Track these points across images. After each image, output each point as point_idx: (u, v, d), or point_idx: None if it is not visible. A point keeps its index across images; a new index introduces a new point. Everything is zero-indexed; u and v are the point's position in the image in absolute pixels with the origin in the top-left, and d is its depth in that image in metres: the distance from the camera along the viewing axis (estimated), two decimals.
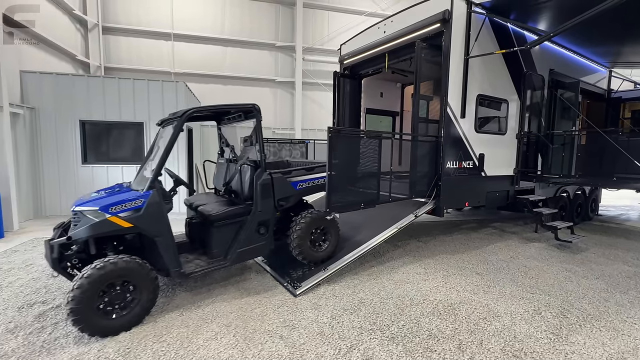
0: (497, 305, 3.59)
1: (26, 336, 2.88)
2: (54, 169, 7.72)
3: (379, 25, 5.98)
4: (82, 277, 2.70)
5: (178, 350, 2.70)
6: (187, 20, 11.33)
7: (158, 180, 3.23)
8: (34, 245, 5.51)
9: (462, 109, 4.97)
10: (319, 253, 4.13)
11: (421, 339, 2.93)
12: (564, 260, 5.15)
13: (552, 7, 5.12)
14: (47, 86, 7.56)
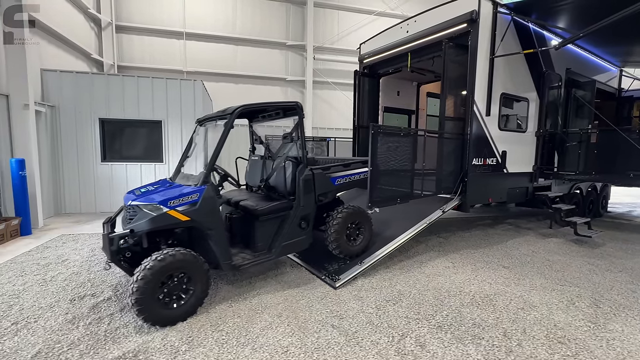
0: (531, 297, 3.72)
1: (87, 326, 2.97)
2: (74, 167, 7.77)
3: (402, 25, 6.09)
4: (144, 268, 2.79)
5: (239, 338, 2.80)
6: (199, 19, 11.39)
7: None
8: (63, 242, 5.58)
9: (488, 108, 5.10)
10: (354, 247, 4.24)
11: (467, 327, 3.05)
12: (584, 254, 5.30)
13: (574, 8, 5.26)
14: (67, 84, 7.60)
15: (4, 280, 3.95)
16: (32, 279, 4.01)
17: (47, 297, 3.54)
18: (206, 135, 4.10)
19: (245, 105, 3.41)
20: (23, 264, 4.54)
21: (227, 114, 3.42)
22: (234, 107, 3.38)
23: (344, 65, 12.82)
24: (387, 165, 4.08)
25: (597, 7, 5.26)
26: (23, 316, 3.13)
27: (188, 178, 3.84)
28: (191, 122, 8.30)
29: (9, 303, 3.39)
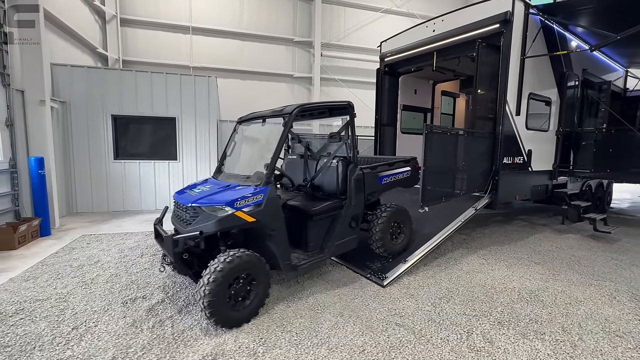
0: (573, 292, 3.85)
1: (151, 329, 2.92)
2: (86, 165, 7.55)
3: (427, 24, 6.12)
4: (215, 270, 2.76)
5: (311, 339, 2.81)
6: (205, 14, 11.15)
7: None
8: (87, 243, 5.43)
9: (518, 107, 5.20)
10: (397, 246, 4.29)
11: (525, 323, 3.14)
12: (605, 249, 5.49)
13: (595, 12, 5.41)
14: (78, 79, 7.35)
15: (42, 284, 3.84)
16: (71, 282, 3.90)
17: (96, 300, 3.46)
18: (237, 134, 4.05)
19: (303, 105, 3.37)
20: (54, 265, 4.41)
21: (284, 113, 3.38)
22: (293, 107, 3.35)
23: (351, 62, 12.82)
24: (437, 165, 4.13)
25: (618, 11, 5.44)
26: (80, 320, 3.05)
27: (236, 177, 3.79)
28: (205, 119, 8.19)
29: (59, 307, 3.30)
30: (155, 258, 4.73)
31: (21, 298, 3.47)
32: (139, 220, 7.00)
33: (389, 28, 13.00)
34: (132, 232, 6.07)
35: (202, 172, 8.32)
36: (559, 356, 2.65)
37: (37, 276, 4.06)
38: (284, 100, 12.49)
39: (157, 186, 8.08)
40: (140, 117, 7.81)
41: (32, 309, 3.25)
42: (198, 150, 8.26)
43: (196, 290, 2.84)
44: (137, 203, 8.00)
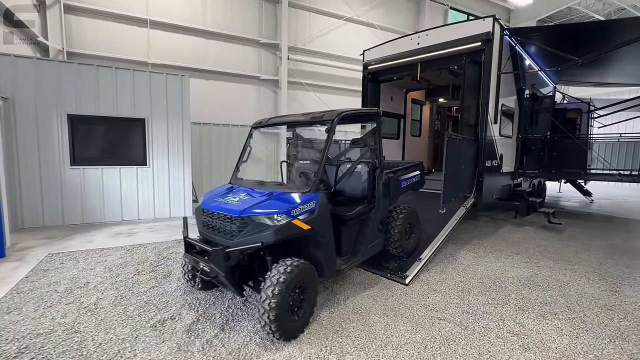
0: (558, 276, 4.50)
1: (202, 352, 2.70)
2: (34, 172, 6.47)
3: (412, 37, 6.57)
4: (277, 282, 2.66)
5: (373, 341, 2.88)
6: (164, 7, 10.29)
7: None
8: (60, 263, 4.69)
9: (495, 116, 5.89)
10: (410, 245, 4.55)
11: (539, 306, 3.61)
12: (560, 238, 6.47)
13: (547, 37, 6.41)
14: (24, 72, 6.28)
15: (32, 315, 3.25)
16: (69, 309, 3.37)
17: (116, 326, 3.05)
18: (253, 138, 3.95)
19: (343, 112, 3.40)
20: (34, 292, 3.74)
21: (326, 119, 3.37)
22: (335, 114, 3.36)
23: (316, 67, 12.99)
24: (452, 169, 4.48)
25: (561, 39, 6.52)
26: (112, 351, 2.68)
27: (262, 184, 3.66)
28: (179, 121, 7.63)
29: (73, 339, 2.84)
30: (157, 274, 4.31)
31: (15, 334, 2.90)
32: (110, 234, 6.24)
33: (352, 36, 13.54)
34: (109, 248, 5.39)
35: (175, 178, 7.72)
36: (577, 331, 3.12)
37: (19, 306, 3.41)
38: (251, 102, 12.18)
39: (124, 195, 7.26)
40: (103, 118, 6.95)
41: (40, 346, 2.75)
42: (170, 154, 7.63)
43: (259, 304, 2.69)
44: (99, 214, 7.09)
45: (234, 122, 11.67)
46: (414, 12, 15.06)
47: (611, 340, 2.98)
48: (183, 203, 7.88)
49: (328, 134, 3.28)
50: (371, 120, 3.90)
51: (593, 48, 5.69)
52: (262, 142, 12.21)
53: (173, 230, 6.62)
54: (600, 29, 6.06)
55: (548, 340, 2.96)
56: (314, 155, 4.59)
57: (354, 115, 3.63)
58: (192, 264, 3.27)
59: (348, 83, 13.57)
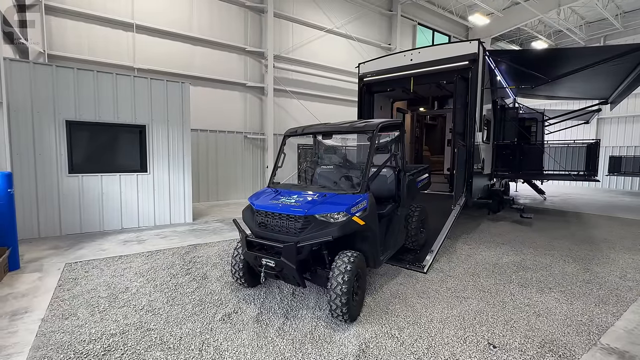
0: (541, 260, 5.37)
1: (280, 336, 3.02)
2: (30, 181, 6.19)
3: (405, 54, 7.30)
4: (345, 270, 3.08)
5: (420, 317, 3.39)
6: (150, 12, 10.13)
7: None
8: (85, 271, 4.65)
9: (480, 125, 6.77)
10: (422, 240, 5.16)
11: (536, 283, 4.37)
12: (532, 230, 7.52)
13: (513, 59, 7.50)
14: (19, 77, 6.02)
15: (91, 318, 3.32)
16: (127, 312, 3.48)
17: (185, 322, 3.25)
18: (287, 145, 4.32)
19: (382, 122, 3.90)
20: (78, 299, 3.77)
21: (368, 129, 3.84)
22: (376, 123, 3.85)
23: (300, 75, 13.43)
24: (459, 171, 5.16)
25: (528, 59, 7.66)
26: (197, 342, 2.91)
27: (302, 187, 4.04)
28: (179, 128, 7.68)
29: (151, 336, 3.01)
30: (194, 277, 4.47)
31: (90, 336, 3.01)
32: (118, 242, 6.15)
33: (333, 47, 14.22)
34: (126, 255, 5.38)
35: (175, 185, 7.71)
36: (571, 300, 3.89)
37: (72, 313, 3.45)
38: (238, 109, 12.29)
39: (124, 202, 7.13)
40: (102, 124, 6.82)
41: (122, 343, 2.90)
42: (171, 161, 7.63)
43: (330, 290, 3.08)
44: (97, 223, 6.89)
45: (221, 128, 11.73)
46: (387, 27, 16.12)
47: (597, 305, 3.77)
48: (184, 210, 7.89)
49: (371, 141, 3.76)
50: (396, 129, 4.45)
51: (554, 70, 6.80)
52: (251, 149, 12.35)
53: (182, 236, 6.66)
54: (559, 56, 7.26)
55: (552, 307, 3.68)
56: (336, 160, 5.06)
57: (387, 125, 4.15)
58: (253, 261, 3.55)
59: (330, 91, 14.18)
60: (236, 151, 12.13)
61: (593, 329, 3.23)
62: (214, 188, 11.73)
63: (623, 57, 6.04)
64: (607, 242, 6.52)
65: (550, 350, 2.86)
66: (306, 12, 13.41)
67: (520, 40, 21.07)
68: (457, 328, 3.20)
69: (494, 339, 3.02)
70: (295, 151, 12.22)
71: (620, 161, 17.55)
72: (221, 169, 11.79)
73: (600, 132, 19.32)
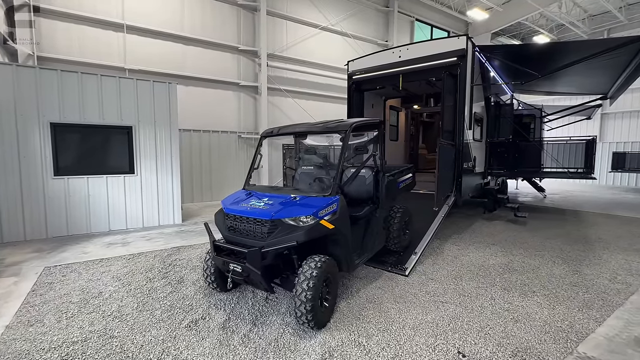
0: (529, 261, 5.21)
1: (243, 344, 2.94)
2: (15, 184, 6.18)
3: (394, 51, 7.15)
4: (311, 276, 2.98)
5: (392, 324, 3.28)
6: (140, 12, 10.07)
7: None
8: (62, 275, 4.61)
9: (470, 122, 6.60)
10: (406, 241, 5.04)
11: (520, 286, 4.23)
12: (525, 229, 7.34)
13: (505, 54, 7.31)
14: (2, 80, 6.01)
15: (57, 325, 3.27)
16: (94, 318, 3.42)
17: (150, 329, 3.19)
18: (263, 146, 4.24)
19: (355, 122, 3.78)
20: (48, 304, 3.72)
21: (340, 129, 3.72)
22: (349, 124, 3.73)
23: (294, 74, 13.32)
24: (442, 171, 5.02)
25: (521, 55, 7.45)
26: (157, 350, 2.84)
27: (277, 189, 3.95)
28: (167, 128, 7.62)
29: (112, 344, 2.95)
30: (170, 280, 4.41)
31: (50, 344, 2.95)
32: (102, 244, 6.12)
33: (328, 44, 14.05)
34: (108, 258, 5.34)
35: (163, 186, 7.67)
36: (553, 304, 3.75)
37: (39, 319, 3.41)
38: (232, 108, 12.22)
39: (111, 204, 7.10)
40: (88, 126, 6.78)
41: (81, 352, 2.83)
42: (159, 162, 7.58)
43: (295, 297, 2.99)
44: (84, 225, 6.88)
45: (215, 128, 11.67)
46: (384, 23, 15.91)
47: (580, 310, 3.63)
48: (172, 211, 7.85)
49: (343, 142, 3.64)
50: (375, 128, 4.33)
51: (548, 65, 6.61)
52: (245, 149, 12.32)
53: (167, 238, 6.61)
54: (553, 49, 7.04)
55: (532, 312, 3.55)
56: (317, 161, 4.96)
57: (362, 125, 4.03)
58: (221, 266, 3.47)
59: (325, 89, 14.04)
60: (230, 151, 12.07)
61: (572, 336, 3.10)
62: (208, 189, 11.70)
63: (617, 50, 5.83)
64: (602, 242, 6.33)
65: (522, 359, 2.74)
66: (300, 9, 13.27)
67: (521, 35, 20.69)
68: (428, 335, 3.09)
69: (464, 347, 2.90)
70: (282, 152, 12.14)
71: (625, 157, 17.15)
72: (215, 169, 11.74)
73: (603, 127, 18.94)
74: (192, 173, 11.18)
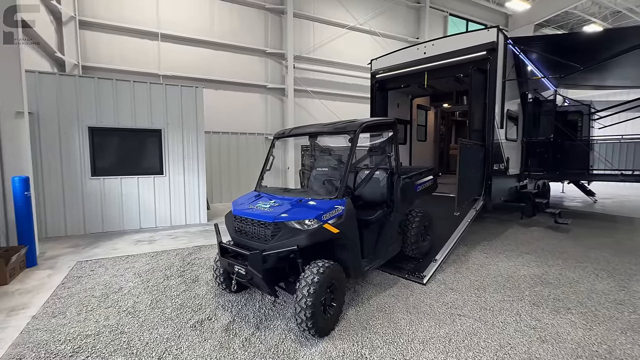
0: (567, 273, 4.70)
1: (243, 349, 2.90)
2: (57, 184, 6.71)
3: (418, 47, 6.84)
4: (312, 282, 2.88)
5: (400, 336, 3.07)
6: (174, 21, 10.61)
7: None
8: (91, 270, 4.91)
9: (501, 121, 6.13)
10: (425, 247, 4.76)
11: (552, 302, 3.81)
12: (566, 237, 6.67)
13: (546, 44, 6.68)
14: (47, 88, 6.55)
15: (76, 318, 3.46)
16: (110, 312, 3.58)
17: (157, 327, 3.26)
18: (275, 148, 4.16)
19: (365, 122, 3.63)
20: (73, 298, 3.96)
21: (349, 130, 3.59)
22: (357, 124, 3.59)
23: (321, 75, 13.30)
24: (465, 173, 4.71)
25: (562, 46, 6.79)
26: (160, 349, 2.89)
27: (287, 191, 3.89)
28: (193, 131, 7.89)
29: (121, 339, 3.05)
30: (185, 279, 4.52)
31: (66, 336, 3.11)
32: (131, 241, 6.45)
33: (356, 44, 13.87)
34: (133, 255, 5.61)
35: (190, 187, 7.95)
36: (590, 324, 3.32)
37: (62, 311, 3.62)
38: (259, 111, 12.45)
39: (142, 203, 7.49)
40: (122, 130, 7.21)
41: (91, 345, 2.96)
42: (186, 163, 7.88)
43: (295, 302, 2.90)
44: (118, 223, 7.31)
45: (243, 130, 11.95)
46: (414, 20, 15.40)
47: (622, 332, 3.18)
48: (198, 210, 8.11)
49: (352, 143, 3.50)
50: (388, 128, 4.13)
51: (594, 55, 5.95)
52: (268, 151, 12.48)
53: (191, 237, 6.83)
54: (600, 38, 6.34)
55: (563, 332, 3.16)
56: (332, 163, 4.83)
57: (373, 125, 3.87)
58: (227, 267, 3.48)
59: (353, 90, 13.86)
60: (258, 152, 12.28)
61: None
62: (236, 189, 11.97)
63: None
64: None
65: None
66: (327, 10, 13.22)
67: (569, 25, 19.04)
68: (438, 351, 2.85)
69: None
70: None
71: None
72: (242, 170, 12.01)
73: None
74: (220, 174, 11.52)
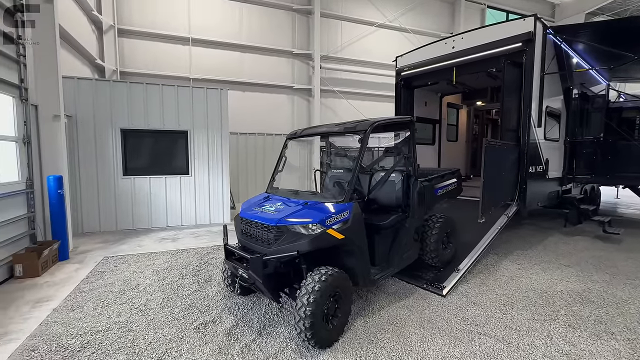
0: (615, 292, 4.12)
1: (241, 355, 2.82)
2: (93, 182, 7.14)
3: (446, 42, 6.43)
4: (313, 290, 2.73)
5: (409, 353, 2.83)
6: (204, 25, 10.95)
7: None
8: (114, 265, 5.13)
9: (539, 119, 5.57)
10: (447, 255, 4.41)
11: (592, 324, 3.34)
12: (617, 249, 5.92)
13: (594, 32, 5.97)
14: (84, 92, 7.00)
15: (92, 313, 3.58)
16: (123, 309, 3.67)
17: (163, 327, 3.28)
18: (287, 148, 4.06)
19: (376, 121, 3.43)
20: (93, 292, 4.13)
21: (359, 130, 3.40)
22: (368, 123, 3.39)
23: (348, 74, 13.09)
24: (491, 176, 4.32)
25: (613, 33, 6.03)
26: (160, 350, 2.89)
27: (297, 193, 3.76)
28: (218, 132, 8.04)
29: (127, 337, 3.10)
30: (199, 279, 4.56)
31: (78, 330, 3.23)
32: (156, 239, 6.70)
33: (385, 42, 13.48)
34: (155, 252, 5.79)
35: (214, 187, 8.12)
36: (638, 354, 2.85)
37: (81, 305, 3.78)
38: (286, 111, 12.51)
39: (169, 202, 7.77)
40: (151, 131, 7.53)
41: (99, 342, 3.03)
42: (210, 163, 8.06)
43: (295, 311, 2.77)
44: (146, 220, 7.64)
45: (269, 131, 12.05)
46: (449, 14, 14.68)
47: None
48: (222, 210, 8.26)
49: (361, 143, 3.31)
50: (405, 128, 3.87)
51: None
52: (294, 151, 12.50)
53: (213, 236, 6.95)
54: None
55: None
56: (347, 164, 4.64)
57: (387, 124, 3.64)
58: (232, 270, 3.43)
59: (381, 89, 13.49)
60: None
61: None
62: (261, 188, 12.03)
63: None
64: None
65: None
66: (355, 8, 12.98)
67: (628, 12, 17.15)
68: None
69: None
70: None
71: None
72: (268, 170, 12.04)
73: None
74: (247, 173, 11.71)
